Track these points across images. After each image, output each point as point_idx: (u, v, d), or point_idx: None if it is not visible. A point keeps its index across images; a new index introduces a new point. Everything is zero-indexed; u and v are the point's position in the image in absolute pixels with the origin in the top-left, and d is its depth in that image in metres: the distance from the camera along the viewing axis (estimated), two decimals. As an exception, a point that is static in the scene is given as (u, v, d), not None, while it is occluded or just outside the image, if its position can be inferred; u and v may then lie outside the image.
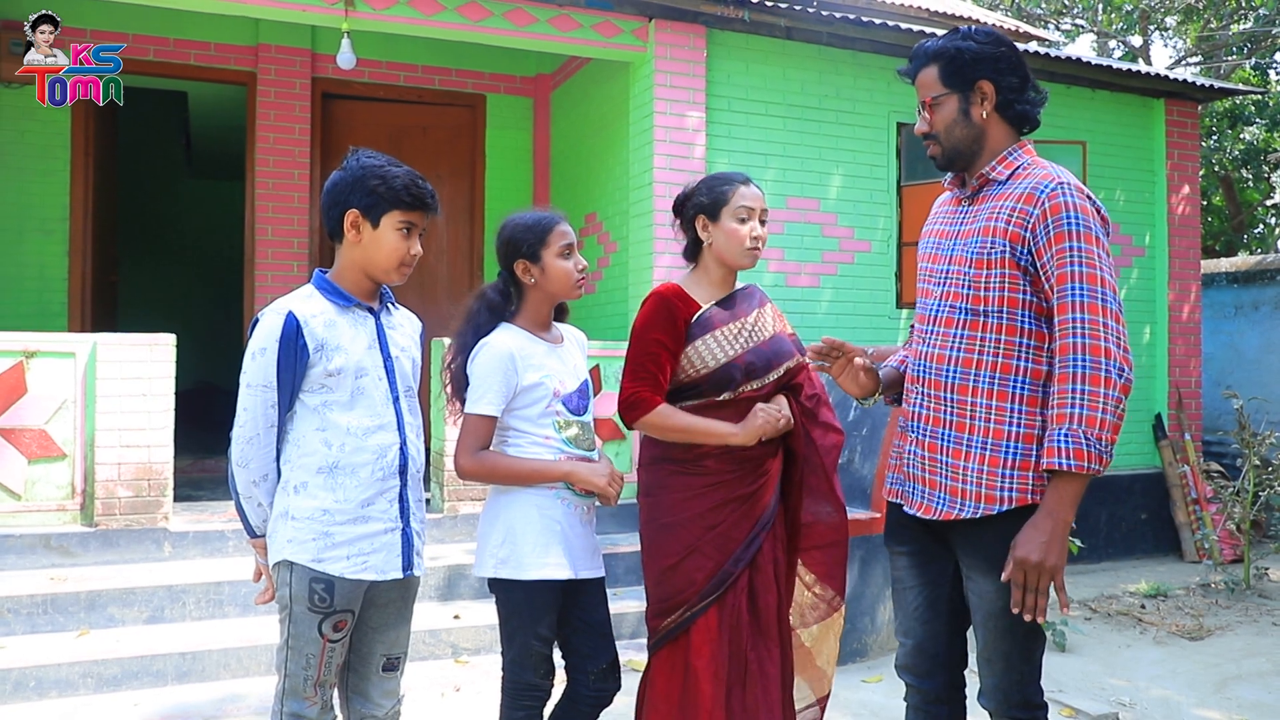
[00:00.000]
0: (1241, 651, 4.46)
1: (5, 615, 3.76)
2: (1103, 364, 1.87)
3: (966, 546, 2.06)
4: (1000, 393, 2.00)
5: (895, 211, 6.02)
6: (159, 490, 4.31)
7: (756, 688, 2.32)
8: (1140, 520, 6.63)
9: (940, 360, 2.08)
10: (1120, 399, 1.88)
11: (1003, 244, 1.98)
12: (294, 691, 2.09)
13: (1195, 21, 13.22)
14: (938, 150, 2.12)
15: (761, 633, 2.35)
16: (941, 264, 2.12)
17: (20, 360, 4.13)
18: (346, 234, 2.10)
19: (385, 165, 2.11)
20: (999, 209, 2.02)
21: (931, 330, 2.12)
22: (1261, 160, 12.39)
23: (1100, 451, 1.87)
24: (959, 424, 2.04)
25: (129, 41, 5.89)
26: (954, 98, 2.07)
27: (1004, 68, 2.06)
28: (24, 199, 5.89)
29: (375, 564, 2.10)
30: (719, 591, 2.31)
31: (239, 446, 2.08)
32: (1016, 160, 2.07)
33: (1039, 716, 2.07)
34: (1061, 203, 1.94)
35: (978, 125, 2.07)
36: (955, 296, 2.06)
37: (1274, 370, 7.60)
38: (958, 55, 2.05)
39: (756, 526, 2.35)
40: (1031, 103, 2.10)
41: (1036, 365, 1.99)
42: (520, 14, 5.17)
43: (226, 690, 3.60)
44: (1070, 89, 6.48)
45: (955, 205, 2.18)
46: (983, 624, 2.06)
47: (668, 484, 2.38)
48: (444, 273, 6.79)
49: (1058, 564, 1.89)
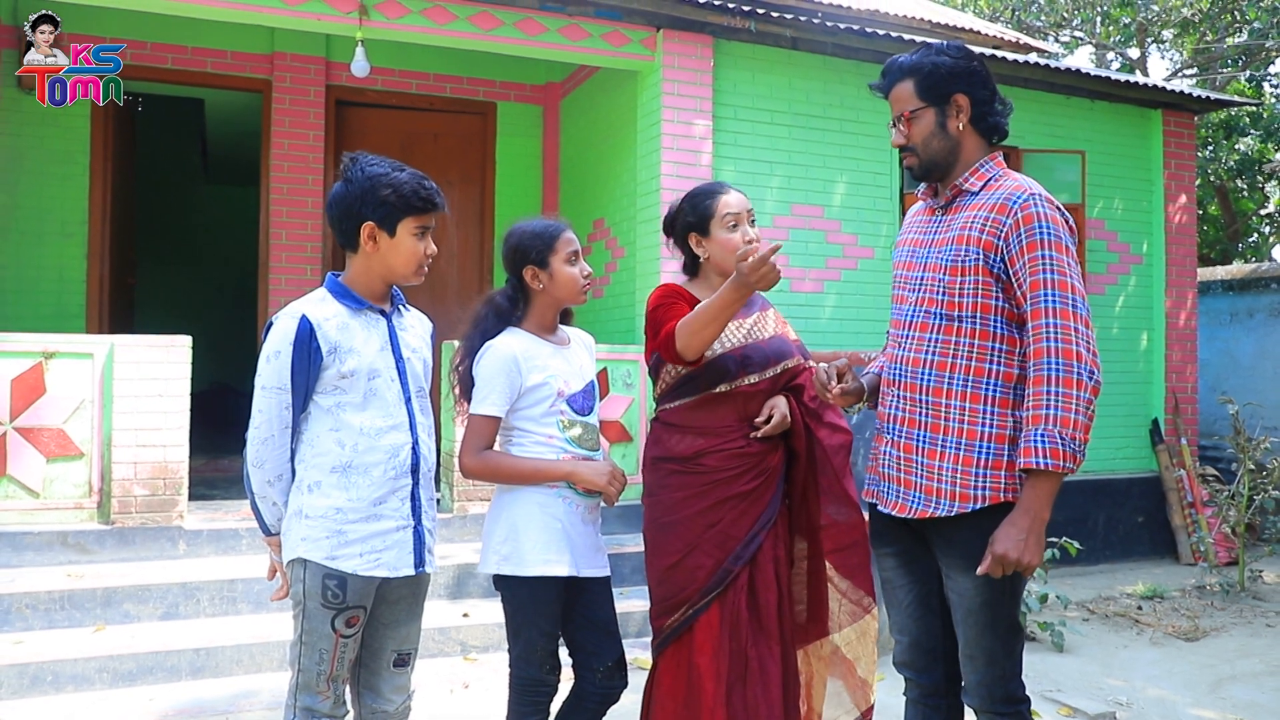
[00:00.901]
0: (1236, 652, 4.51)
1: (23, 611, 3.82)
2: (1075, 367, 1.94)
3: (943, 545, 2.11)
4: (974, 395, 2.06)
5: (897, 219, 6.09)
6: (174, 489, 4.38)
7: (756, 685, 2.33)
8: (1137, 523, 6.68)
9: (915, 364, 2.14)
10: (1090, 400, 1.95)
11: (976, 251, 2.05)
12: (307, 686, 2.12)
13: (1191, 34, 13.28)
14: (915, 161, 2.19)
15: (762, 631, 2.36)
16: (916, 271, 2.19)
17: (40, 361, 4.21)
18: (363, 245, 2.13)
19: (391, 172, 2.11)
20: (972, 218, 2.08)
21: (907, 335, 2.18)
22: (1256, 170, 12.46)
23: (1074, 451, 1.93)
24: (933, 425, 2.10)
25: (147, 49, 6.02)
26: (931, 111, 2.14)
27: (976, 82, 2.13)
28: (44, 203, 5.97)
29: (388, 561, 2.12)
30: (720, 589, 2.34)
31: (254, 447, 2.10)
32: (988, 172, 2.14)
33: (1022, 711, 2.11)
34: (1034, 213, 2.01)
35: (954, 137, 2.14)
36: (930, 302, 2.12)
37: (1268, 376, 7.64)
38: (934, 70, 2.12)
39: (756, 525, 2.37)
40: (1000, 114, 2.17)
41: (1008, 369, 2.06)
42: (531, 23, 5.25)
43: (240, 686, 3.65)
44: (1070, 99, 6.55)
45: (929, 215, 2.25)
46: (962, 621, 2.10)
47: (667, 483, 2.42)
48: (454, 277, 6.87)
49: (1034, 561, 1.95)
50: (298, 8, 4.87)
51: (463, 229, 6.94)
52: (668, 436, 2.45)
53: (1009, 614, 2.09)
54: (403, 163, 2.18)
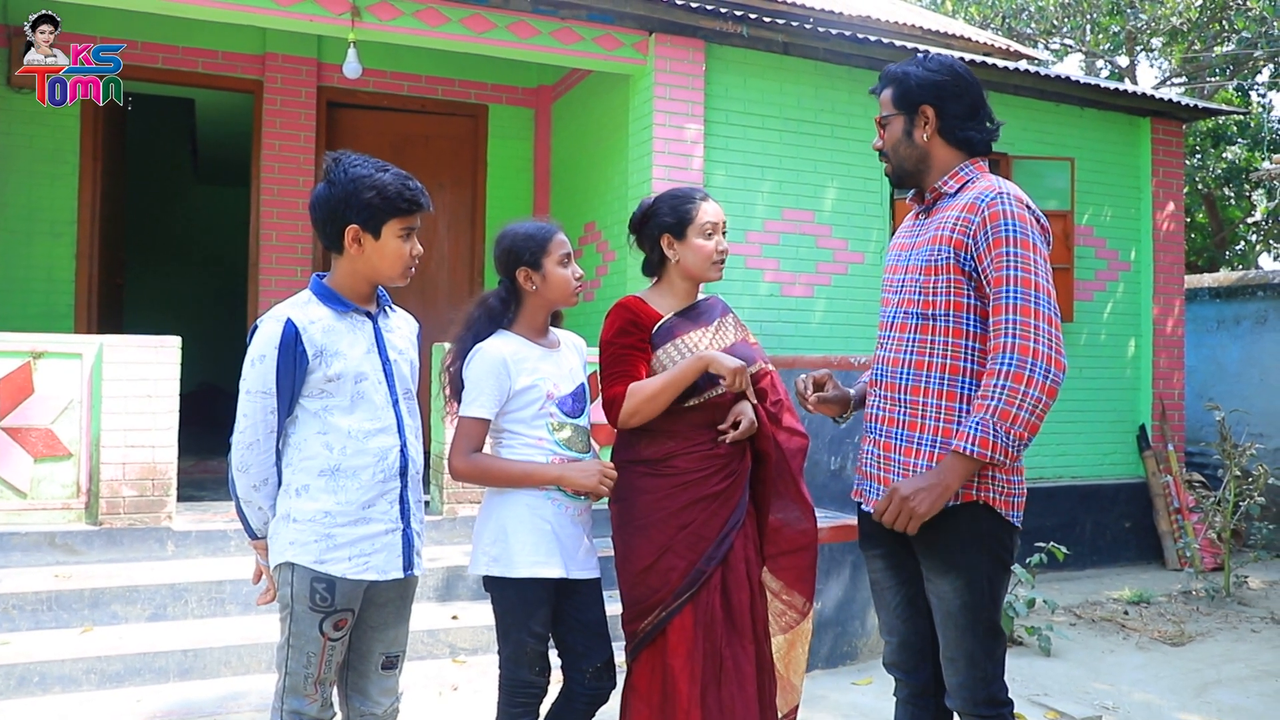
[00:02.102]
0: (1221, 657, 4.55)
1: (10, 612, 3.80)
2: (1028, 363, 1.96)
3: (923, 548, 2.13)
4: (949, 393, 2.09)
5: (888, 224, 6.12)
6: (163, 490, 4.36)
7: (732, 684, 2.34)
8: (1124, 529, 6.72)
9: (895, 364, 2.18)
10: (1042, 399, 1.96)
11: (948, 250, 2.08)
12: (294, 689, 2.11)
13: (1180, 43, 13.39)
14: (888, 166, 2.27)
15: (736, 630, 2.38)
16: (899, 273, 2.23)
17: (28, 361, 4.19)
18: (348, 248, 2.10)
19: (374, 173, 2.08)
20: (946, 218, 2.12)
21: (888, 336, 2.22)
22: (1243, 179, 12.58)
23: (1008, 445, 1.96)
24: (911, 423, 2.13)
25: (139, 49, 6.00)
26: (900, 119, 2.20)
27: (947, 95, 2.16)
28: (33, 202, 5.95)
29: (376, 564, 2.12)
30: (693, 590, 2.35)
31: (239, 452, 2.09)
32: (966, 175, 2.18)
33: (1004, 714, 2.12)
34: (1000, 210, 2.03)
35: (920, 146, 2.19)
36: (908, 303, 2.16)
37: (1255, 383, 7.70)
38: (904, 80, 2.19)
39: (727, 525, 2.39)
40: (979, 130, 2.19)
41: (981, 367, 2.08)
42: (523, 26, 5.26)
43: (228, 688, 3.64)
44: (1059, 106, 6.60)
45: (914, 220, 2.30)
46: (943, 623, 2.12)
47: (638, 485, 2.42)
48: (445, 279, 6.87)
49: (924, 513, 2.00)
50: (290, 8, 4.87)
51: (454, 231, 6.94)
52: (636, 439, 2.46)
53: (989, 617, 2.10)
54: (387, 162, 2.15)
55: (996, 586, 2.11)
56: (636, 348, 2.41)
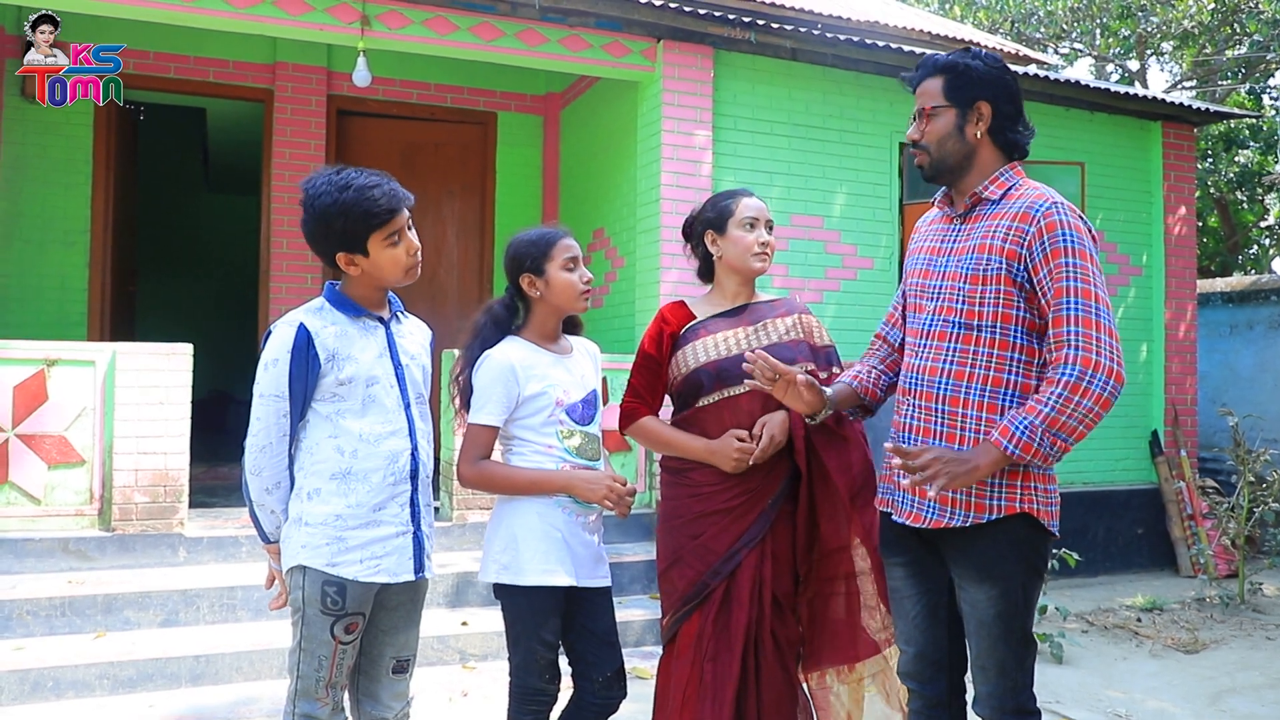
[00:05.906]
0: (1236, 665, 4.51)
1: (24, 617, 3.84)
2: (1088, 375, 1.94)
3: (957, 556, 2.10)
4: (990, 405, 2.05)
5: (897, 229, 6.11)
6: (175, 496, 4.39)
7: (707, 702, 2.32)
8: (1137, 535, 6.67)
9: (933, 373, 2.12)
10: (1093, 409, 1.94)
11: (999, 260, 2.03)
12: (306, 692, 2.12)
13: (1191, 47, 13.32)
14: (926, 160, 2.17)
15: (727, 649, 2.35)
16: (934, 280, 2.16)
17: (42, 368, 4.22)
18: (346, 270, 2.15)
19: (337, 198, 2.05)
20: (994, 227, 2.07)
21: (924, 344, 2.16)
22: (1256, 182, 12.51)
23: (1047, 452, 1.95)
24: (949, 434, 2.08)
25: (150, 59, 6.05)
26: (952, 111, 2.12)
27: (1002, 94, 2.12)
28: (46, 211, 6.00)
29: (387, 567, 2.13)
30: (698, 600, 2.36)
31: (252, 455, 2.11)
32: (1009, 180, 2.12)
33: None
34: (1057, 220, 2.00)
35: (970, 143, 2.12)
36: (949, 311, 2.10)
37: (1268, 388, 7.65)
38: (966, 71, 2.11)
39: (739, 542, 2.37)
40: (1021, 134, 2.16)
41: (1025, 379, 2.05)
42: (532, 34, 5.28)
43: (240, 693, 3.66)
44: (1069, 111, 6.58)
45: (946, 223, 2.22)
46: (975, 632, 2.09)
47: (665, 490, 2.49)
48: (454, 286, 6.89)
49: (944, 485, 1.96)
50: (300, 18, 4.90)
51: (463, 239, 6.96)
52: None
53: (1022, 625, 2.07)
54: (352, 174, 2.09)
55: (1031, 595, 2.08)
56: (653, 360, 2.50)
